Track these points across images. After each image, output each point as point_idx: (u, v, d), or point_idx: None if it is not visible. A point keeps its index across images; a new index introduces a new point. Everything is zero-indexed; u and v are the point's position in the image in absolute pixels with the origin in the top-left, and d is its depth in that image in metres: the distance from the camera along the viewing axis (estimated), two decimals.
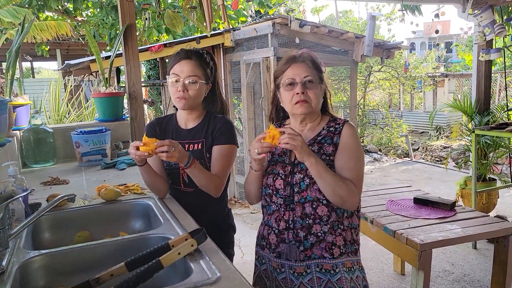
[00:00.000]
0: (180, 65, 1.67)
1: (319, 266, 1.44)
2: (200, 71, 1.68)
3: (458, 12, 4.46)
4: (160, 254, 1.13)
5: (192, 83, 1.66)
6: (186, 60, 1.68)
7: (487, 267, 3.28)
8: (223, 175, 1.69)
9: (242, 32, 5.07)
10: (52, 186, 2.06)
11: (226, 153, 1.70)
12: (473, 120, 4.44)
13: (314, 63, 1.51)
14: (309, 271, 1.45)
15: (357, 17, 17.63)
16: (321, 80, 1.51)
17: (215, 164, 1.69)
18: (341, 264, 1.45)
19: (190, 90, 1.66)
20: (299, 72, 1.48)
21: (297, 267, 1.46)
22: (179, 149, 1.51)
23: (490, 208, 4.28)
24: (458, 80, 12.69)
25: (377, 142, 9.79)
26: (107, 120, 2.95)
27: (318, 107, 1.52)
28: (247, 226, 4.52)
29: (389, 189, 3.37)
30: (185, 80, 1.65)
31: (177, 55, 1.71)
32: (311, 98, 1.46)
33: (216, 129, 1.72)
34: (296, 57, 1.52)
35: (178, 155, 1.49)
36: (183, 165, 1.56)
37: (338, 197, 1.40)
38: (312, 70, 1.49)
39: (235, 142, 1.75)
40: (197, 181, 1.63)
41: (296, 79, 1.47)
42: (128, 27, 2.91)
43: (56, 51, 11.20)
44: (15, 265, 1.17)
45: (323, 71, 1.52)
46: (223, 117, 1.79)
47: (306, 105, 1.46)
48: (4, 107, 1.96)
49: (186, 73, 1.66)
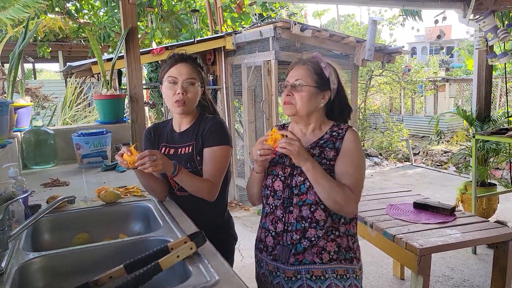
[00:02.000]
0: (177, 68, 1.65)
1: (309, 273, 1.43)
2: (196, 74, 1.68)
3: (459, 17, 4.47)
4: (159, 257, 1.13)
5: (191, 85, 1.65)
6: (182, 63, 1.66)
7: (487, 273, 3.27)
8: (216, 178, 1.64)
9: (244, 36, 5.09)
10: (52, 188, 2.07)
11: (217, 155, 1.65)
12: (474, 125, 4.44)
13: (316, 68, 1.49)
14: (299, 277, 1.44)
15: (358, 22, 17.65)
16: (322, 85, 1.48)
17: (206, 167, 1.65)
18: (331, 270, 1.43)
19: (189, 92, 1.65)
20: (294, 74, 1.49)
21: (287, 271, 1.45)
22: (162, 160, 1.48)
23: (490, 213, 4.27)
24: (459, 84, 12.70)
25: (377, 146, 9.79)
26: (108, 122, 2.95)
27: (306, 111, 1.48)
28: (247, 229, 4.52)
29: (389, 193, 3.37)
30: (184, 82, 1.64)
31: (171, 59, 1.69)
32: (296, 101, 1.46)
33: (206, 130, 1.68)
34: (299, 60, 1.53)
35: (161, 166, 1.47)
36: (170, 174, 1.54)
37: (335, 203, 1.39)
38: (309, 74, 1.47)
39: (227, 143, 1.69)
40: (187, 187, 1.61)
41: (288, 81, 1.49)
42: (130, 30, 2.92)
43: (58, 53, 11.23)
44: (15, 266, 1.17)
45: (327, 77, 1.49)
46: (213, 117, 1.75)
47: (289, 106, 1.48)
48: (6, 108, 1.97)
49: (185, 75, 1.64)
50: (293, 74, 1.50)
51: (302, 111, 1.48)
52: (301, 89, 1.46)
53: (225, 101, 5.55)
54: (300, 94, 1.46)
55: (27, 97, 2.77)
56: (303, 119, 1.52)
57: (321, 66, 1.49)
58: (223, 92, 5.54)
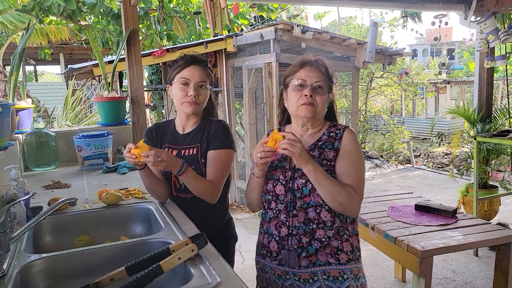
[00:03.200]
0: (190, 70, 1.67)
1: (326, 274, 1.42)
2: (207, 77, 1.70)
3: (460, 19, 4.47)
4: (160, 259, 1.13)
5: (203, 88, 1.68)
6: (195, 65, 1.68)
7: (489, 275, 3.27)
8: (218, 181, 1.66)
9: (245, 38, 5.09)
10: (53, 190, 2.07)
11: (221, 158, 1.67)
12: (475, 127, 4.44)
13: (327, 72, 1.52)
14: (316, 279, 1.43)
15: (360, 24, 17.65)
16: (330, 89, 1.52)
17: (210, 169, 1.66)
18: (349, 271, 1.44)
19: (200, 95, 1.67)
20: (311, 75, 1.48)
21: (302, 274, 1.43)
22: (168, 158, 1.49)
23: (492, 215, 4.26)
24: (460, 86, 12.70)
25: (378, 148, 9.78)
26: (109, 124, 2.96)
27: (322, 114, 1.52)
28: (248, 231, 4.52)
29: (391, 196, 3.37)
30: (196, 85, 1.66)
31: (183, 60, 1.70)
32: (317, 103, 1.47)
33: (211, 133, 1.69)
34: (312, 61, 1.52)
35: (165, 164, 1.48)
36: (175, 173, 1.55)
37: (338, 204, 1.39)
38: (324, 77, 1.49)
39: (231, 146, 1.71)
40: (191, 188, 1.61)
41: (307, 81, 1.47)
42: (131, 32, 2.92)
43: (60, 55, 11.27)
44: (16, 268, 1.17)
45: (334, 82, 1.53)
46: (219, 120, 1.77)
47: (311, 108, 1.46)
48: (7, 110, 1.97)
49: (197, 78, 1.66)
50: (309, 74, 1.49)
51: (320, 114, 1.51)
52: (322, 92, 1.48)
53: (226, 103, 5.55)
54: (321, 97, 1.47)
55: (28, 99, 2.78)
56: (315, 122, 1.53)
57: (330, 71, 1.52)
58: (224, 94, 5.55)
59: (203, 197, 1.64)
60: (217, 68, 5.61)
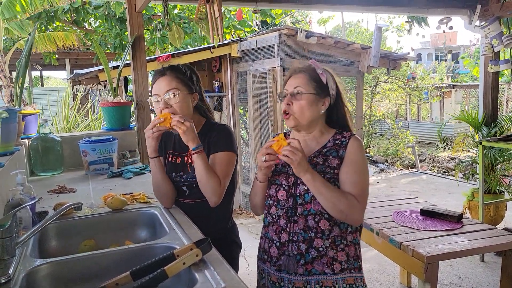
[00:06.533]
0: (157, 84, 1.64)
1: (319, 283, 1.42)
2: (177, 82, 1.63)
3: (465, 24, 4.46)
4: (165, 264, 1.13)
5: (174, 96, 1.61)
6: (160, 77, 1.64)
7: (495, 281, 3.24)
8: (221, 182, 1.63)
9: (249, 43, 5.11)
10: (59, 195, 2.07)
11: (222, 160, 1.64)
12: (480, 131, 4.42)
13: (313, 74, 1.47)
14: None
15: (365, 28, 17.67)
16: (321, 91, 1.47)
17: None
18: (341, 280, 1.43)
19: (173, 104, 1.61)
20: (292, 83, 1.48)
21: (296, 281, 1.43)
22: (191, 128, 1.53)
23: (498, 220, 4.23)
24: (465, 91, 12.65)
25: (383, 152, 9.75)
26: (115, 129, 2.97)
27: (307, 119, 1.47)
28: (252, 236, 4.51)
29: (396, 200, 3.35)
30: (165, 96, 1.61)
31: (153, 77, 1.69)
32: (293, 111, 1.45)
33: (212, 137, 1.68)
34: (296, 68, 1.51)
35: (188, 130, 1.51)
36: (192, 149, 1.55)
37: (339, 212, 1.38)
38: (307, 81, 1.46)
39: (233, 149, 1.68)
40: (199, 172, 1.58)
41: (287, 91, 1.47)
42: (136, 38, 2.94)
43: (65, 61, 11.34)
44: (22, 273, 1.18)
45: (324, 82, 1.47)
46: (221, 124, 1.75)
47: (290, 117, 1.46)
48: (14, 116, 1.99)
49: (164, 88, 1.61)
50: (291, 83, 1.49)
51: (303, 121, 1.47)
52: (300, 97, 1.45)
53: (230, 108, 5.57)
54: (299, 103, 1.45)
55: (34, 104, 2.80)
56: (305, 128, 1.51)
57: (318, 72, 1.48)
58: (229, 99, 5.57)
59: (206, 190, 1.60)
60: (221, 73, 5.64)
